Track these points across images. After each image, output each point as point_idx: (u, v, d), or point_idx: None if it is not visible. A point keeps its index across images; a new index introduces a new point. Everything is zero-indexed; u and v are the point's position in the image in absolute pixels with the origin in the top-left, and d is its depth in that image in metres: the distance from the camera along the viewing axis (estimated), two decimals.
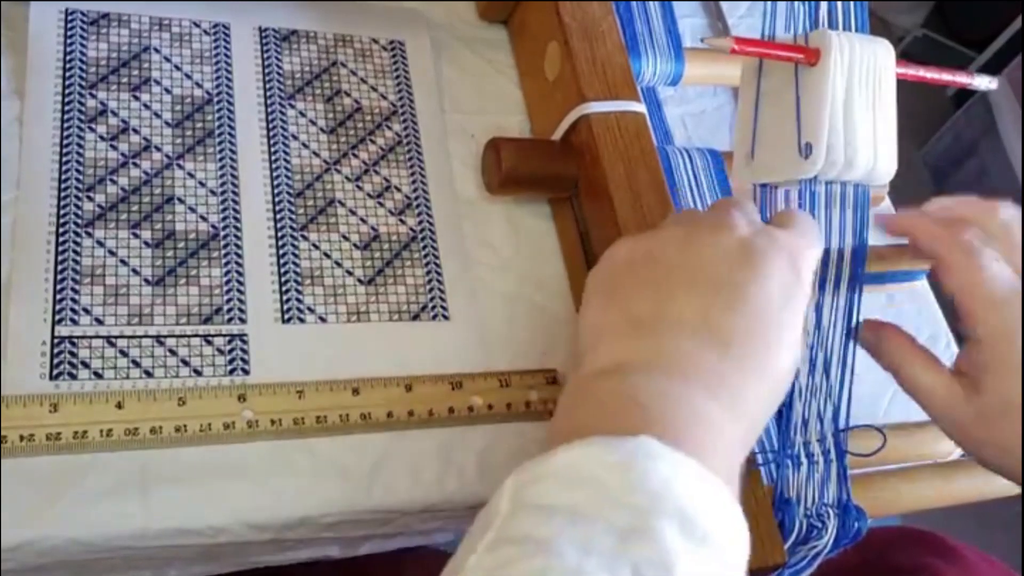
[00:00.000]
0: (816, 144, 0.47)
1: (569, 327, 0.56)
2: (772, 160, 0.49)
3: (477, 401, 0.51)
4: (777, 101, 0.49)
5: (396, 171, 0.58)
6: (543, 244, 0.59)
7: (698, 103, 0.71)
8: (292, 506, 0.45)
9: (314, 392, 0.48)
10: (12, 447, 0.42)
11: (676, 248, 0.41)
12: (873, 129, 0.48)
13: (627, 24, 0.63)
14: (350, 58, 0.61)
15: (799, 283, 0.40)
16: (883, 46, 0.49)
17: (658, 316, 0.39)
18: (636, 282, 0.41)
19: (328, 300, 0.52)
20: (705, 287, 0.39)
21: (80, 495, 0.42)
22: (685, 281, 0.40)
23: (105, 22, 0.56)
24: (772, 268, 0.40)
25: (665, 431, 0.33)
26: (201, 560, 0.48)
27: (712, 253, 0.40)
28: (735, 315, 0.38)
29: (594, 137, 0.54)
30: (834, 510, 0.46)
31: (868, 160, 0.48)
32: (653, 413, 0.35)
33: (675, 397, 0.36)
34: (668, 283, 0.40)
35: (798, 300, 0.40)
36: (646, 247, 0.42)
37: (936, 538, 0.64)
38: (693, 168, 0.60)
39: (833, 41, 0.47)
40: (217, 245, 0.51)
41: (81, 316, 0.47)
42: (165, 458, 0.45)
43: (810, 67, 0.48)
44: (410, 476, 0.48)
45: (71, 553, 0.42)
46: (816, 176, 0.48)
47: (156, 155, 0.53)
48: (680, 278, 0.40)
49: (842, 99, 0.47)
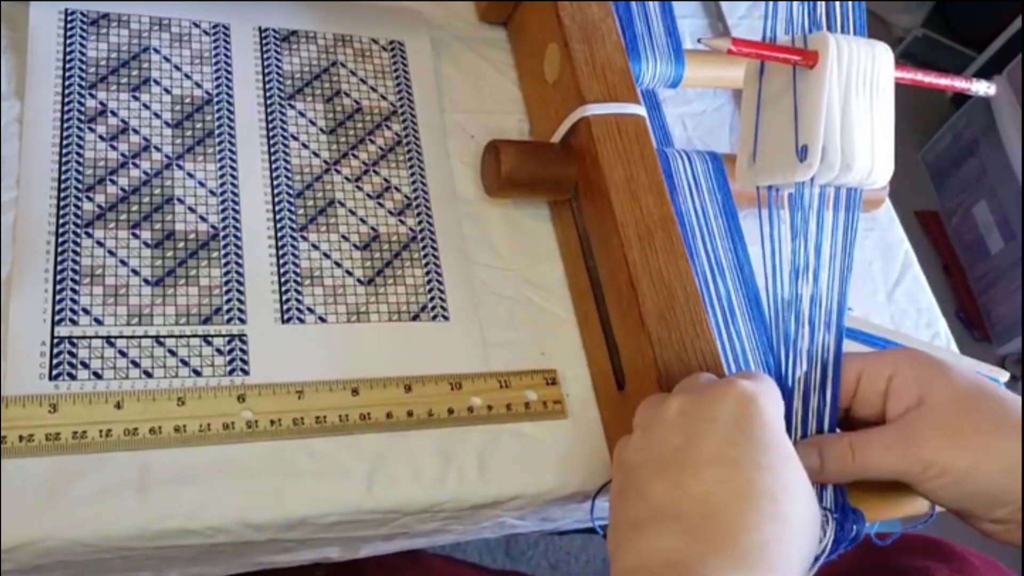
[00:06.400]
0: (812, 147, 0.47)
1: (568, 328, 0.56)
2: (772, 163, 0.49)
3: (476, 401, 0.51)
4: (777, 104, 0.49)
5: (396, 171, 0.58)
6: (543, 245, 0.59)
7: (698, 104, 0.71)
8: (292, 506, 0.45)
9: (313, 392, 0.48)
10: (12, 447, 0.42)
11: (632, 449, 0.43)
12: (871, 132, 0.48)
13: (627, 26, 0.63)
14: (350, 58, 0.61)
15: (743, 432, 0.41)
16: (882, 49, 0.49)
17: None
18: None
19: (328, 300, 0.52)
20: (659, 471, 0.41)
21: (79, 495, 0.42)
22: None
23: (105, 22, 0.56)
24: (709, 425, 0.41)
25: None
26: (200, 560, 0.48)
27: (645, 437, 0.43)
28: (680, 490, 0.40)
29: (594, 139, 0.54)
30: (832, 514, 0.46)
31: (865, 163, 0.48)
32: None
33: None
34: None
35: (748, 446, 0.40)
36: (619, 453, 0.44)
37: (938, 542, 0.64)
38: (693, 171, 0.60)
39: (831, 44, 0.47)
40: (217, 245, 0.51)
41: (81, 316, 0.47)
42: (164, 458, 0.45)
43: (808, 70, 0.48)
44: (410, 476, 0.48)
45: (70, 553, 0.42)
46: (813, 179, 0.48)
47: (156, 155, 0.53)
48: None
49: (839, 102, 0.47)
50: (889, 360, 0.47)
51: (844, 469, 0.46)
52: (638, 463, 0.42)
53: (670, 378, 0.47)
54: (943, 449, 0.44)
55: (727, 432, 0.41)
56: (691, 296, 0.51)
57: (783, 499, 0.39)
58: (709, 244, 0.58)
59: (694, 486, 0.39)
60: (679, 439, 0.41)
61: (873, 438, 0.46)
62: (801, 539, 0.40)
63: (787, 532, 0.39)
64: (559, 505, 0.52)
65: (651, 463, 0.41)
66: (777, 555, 0.38)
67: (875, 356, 0.48)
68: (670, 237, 0.52)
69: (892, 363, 0.47)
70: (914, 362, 0.47)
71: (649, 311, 0.49)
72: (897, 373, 0.46)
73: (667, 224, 0.53)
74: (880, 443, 0.45)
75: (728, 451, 0.40)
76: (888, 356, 0.48)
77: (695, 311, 0.50)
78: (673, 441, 0.41)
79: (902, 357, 0.47)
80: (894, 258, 0.70)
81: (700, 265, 0.57)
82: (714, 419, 0.41)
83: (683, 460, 0.40)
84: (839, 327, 0.49)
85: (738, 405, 0.41)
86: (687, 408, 0.42)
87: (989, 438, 0.44)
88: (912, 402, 0.46)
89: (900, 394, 0.46)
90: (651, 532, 0.39)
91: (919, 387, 0.46)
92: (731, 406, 0.41)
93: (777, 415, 0.43)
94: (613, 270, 0.52)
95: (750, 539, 0.38)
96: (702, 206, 0.59)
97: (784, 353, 0.49)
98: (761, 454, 0.40)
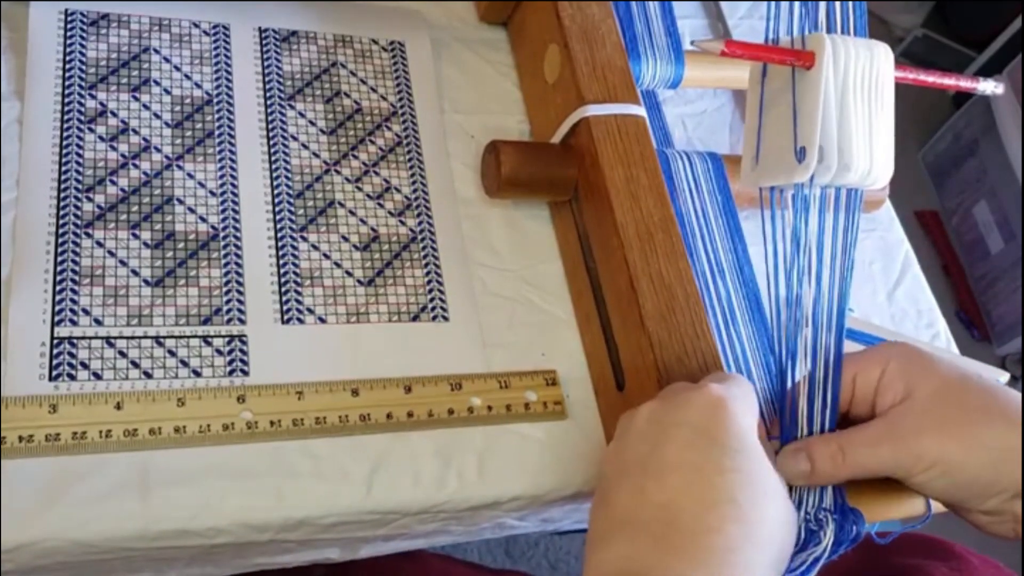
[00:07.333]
0: (809, 148, 0.47)
1: (568, 328, 0.56)
2: (773, 164, 0.49)
3: (476, 402, 0.51)
4: (778, 105, 0.49)
5: (396, 172, 0.58)
6: (543, 245, 0.59)
7: (698, 104, 0.71)
8: (291, 507, 0.45)
9: (313, 393, 0.48)
10: (12, 448, 0.42)
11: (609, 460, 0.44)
12: (869, 133, 0.48)
13: (627, 26, 0.63)
14: (350, 59, 0.61)
15: (711, 438, 0.41)
16: (882, 49, 0.49)
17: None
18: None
19: (328, 301, 0.52)
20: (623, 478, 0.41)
21: (79, 496, 0.42)
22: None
23: (105, 23, 0.56)
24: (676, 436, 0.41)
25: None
26: (200, 561, 0.48)
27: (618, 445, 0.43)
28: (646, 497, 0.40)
29: (594, 140, 0.54)
30: (831, 514, 0.46)
31: (864, 164, 0.48)
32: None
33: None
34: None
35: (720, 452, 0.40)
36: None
37: (937, 541, 0.64)
38: (693, 171, 0.60)
39: (827, 44, 0.47)
40: (217, 246, 0.51)
41: (80, 317, 0.47)
42: (164, 459, 0.45)
43: (806, 71, 0.48)
44: (409, 477, 0.48)
45: (70, 554, 0.42)
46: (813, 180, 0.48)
47: (156, 156, 0.53)
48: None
49: (836, 103, 0.47)
50: (879, 358, 0.47)
51: (835, 470, 0.45)
52: (607, 473, 0.42)
53: (670, 379, 0.47)
54: (931, 441, 0.44)
55: (691, 437, 0.41)
56: (691, 297, 0.51)
57: (748, 502, 0.39)
58: (709, 245, 0.58)
59: (657, 493, 0.39)
60: (646, 447, 0.41)
61: (861, 436, 0.46)
62: (769, 542, 0.40)
63: (752, 535, 0.39)
64: (559, 506, 0.52)
65: (619, 472, 0.42)
66: (741, 558, 0.38)
67: (867, 356, 0.48)
68: (670, 238, 0.52)
69: (883, 360, 0.47)
70: (901, 357, 0.47)
71: (649, 312, 0.49)
72: (886, 370, 0.46)
73: (667, 225, 0.53)
74: (868, 440, 0.45)
75: (692, 456, 0.40)
76: (879, 354, 0.48)
77: (695, 312, 0.50)
78: (640, 449, 0.41)
79: (892, 353, 0.47)
80: (894, 258, 0.70)
81: (700, 266, 0.57)
82: (680, 424, 0.41)
83: (648, 467, 0.40)
84: (840, 328, 0.49)
85: (705, 409, 0.41)
86: (655, 415, 0.43)
87: (977, 427, 0.44)
88: (899, 397, 0.46)
89: (887, 390, 0.46)
90: (616, 541, 0.39)
91: (905, 381, 0.46)
92: (698, 411, 0.41)
93: (747, 418, 0.43)
94: (613, 271, 0.52)
95: (711, 542, 0.38)
96: (702, 207, 0.59)
97: (785, 354, 0.49)
98: (727, 457, 0.40)
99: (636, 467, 0.41)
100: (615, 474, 0.42)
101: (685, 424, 0.41)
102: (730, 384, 0.44)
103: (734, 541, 0.38)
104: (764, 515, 0.40)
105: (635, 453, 0.42)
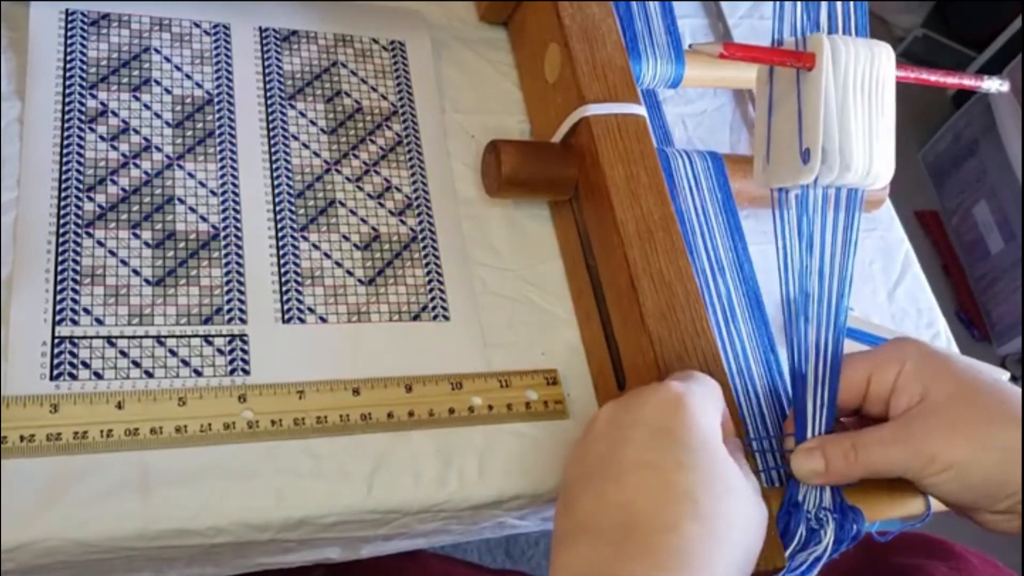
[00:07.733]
0: (813, 149, 0.47)
1: (569, 328, 0.56)
2: (782, 165, 0.49)
3: (477, 401, 0.51)
4: (784, 106, 0.49)
5: (396, 171, 0.58)
6: (543, 245, 0.59)
7: (698, 103, 0.71)
8: (292, 507, 0.45)
9: (314, 392, 0.48)
10: (12, 447, 0.42)
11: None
12: (869, 133, 0.48)
13: (627, 25, 0.63)
14: (350, 58, 0.61)
15: (670, 436, 0.41)
16: (883, 49, 0.49)
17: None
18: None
19: (328, 300, 0.52)
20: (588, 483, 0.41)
21: (80, 496, 0.42)
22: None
23: (105, 22, 0.56)
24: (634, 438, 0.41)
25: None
26: (201, 561, 0.48)
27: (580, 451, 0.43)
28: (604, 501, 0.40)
29: (594, 139, 0.54)
30: (831, 513, 0.46)
31: (864, 164, 0.48)
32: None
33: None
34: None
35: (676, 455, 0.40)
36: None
37: (936, 541, 0.64)
38: (693, 170, 0.60)
39: (825, 45, 0.47)
40: (217, 245, 0.51)
41: (81, 316, 0.47)
42: (165, 459, 0.45)
43: (808, 72, 0.48)
44: (410, 476, 0.48)
45: (71, 554, 0.42)
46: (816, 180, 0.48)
47: (156, 155, 0.53)
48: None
49: (837, 103, 0.47)
50: (895, 358, 0.47)
51: (848, 469, 0.45)
52: (569, 478, 0.43)
53: None
54: (944, 443, 0.44)
55: (648, 436, 0.41)
56: (691, 295, 0.51)
57: (707, 498, 0.39)
58: (709, 243, 0.58)
59: (615, 494, 0.39)
60: (605, 447, 0.41)
61: (876, 436, 0.46)
62: (731, 540, 0.39)
63: (713, 532, 0.38)
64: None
65: (581, 475, 0.42)
66: (699, 555, 0.38)
67: (882, 356, 0.48)
68: (670, 236, 0.52)
69: (899, 361, 0.47)
70: (918, 358, 0.47)
71: (650, 310, 0.49)
72: (902, 371, 0.46)
73: (667, 224, 0.53)
74: (883, 440, 0.45)
75: (648, 455, 0.40)
76: (894, 354, 0.47)
77: (696, 310, 0.50)
78: (600, 450, 0.41)
79: (908, 353, 0.47)
80: (894, 258, 0.70)
81: (700, 264, 0.57)
82: (637, 424, 0.41)
83: (606, 470, 0.40)
84: (840, 327, 0.49)
85: (663, 407, 0.41)
86: (615, 416, 0.43)
87: (990, 429, 0.44)
88: (915, 399, 0.46)
89: (903, 391, 0.46)
90: (579, 544, 0.39)
91: (921, 383, 0.46)
92: (655, 409, 0.41)
93: (708, 415, 0.42)
94: (613, 270, 0.52)
95: (667, 541, 0.38)
96: (702, 205, 0.59)
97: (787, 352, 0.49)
98: (684, 455, 0.40)
99: (597, 469, 0.41)
100: (577, 476, 0.42)
101: (643, 423, 0.41)
102: (691, 382, 0.43)
103: (692, 539, 0.38)
104: (726, 512, 0.39)
105: (595, 454, 0.41)
